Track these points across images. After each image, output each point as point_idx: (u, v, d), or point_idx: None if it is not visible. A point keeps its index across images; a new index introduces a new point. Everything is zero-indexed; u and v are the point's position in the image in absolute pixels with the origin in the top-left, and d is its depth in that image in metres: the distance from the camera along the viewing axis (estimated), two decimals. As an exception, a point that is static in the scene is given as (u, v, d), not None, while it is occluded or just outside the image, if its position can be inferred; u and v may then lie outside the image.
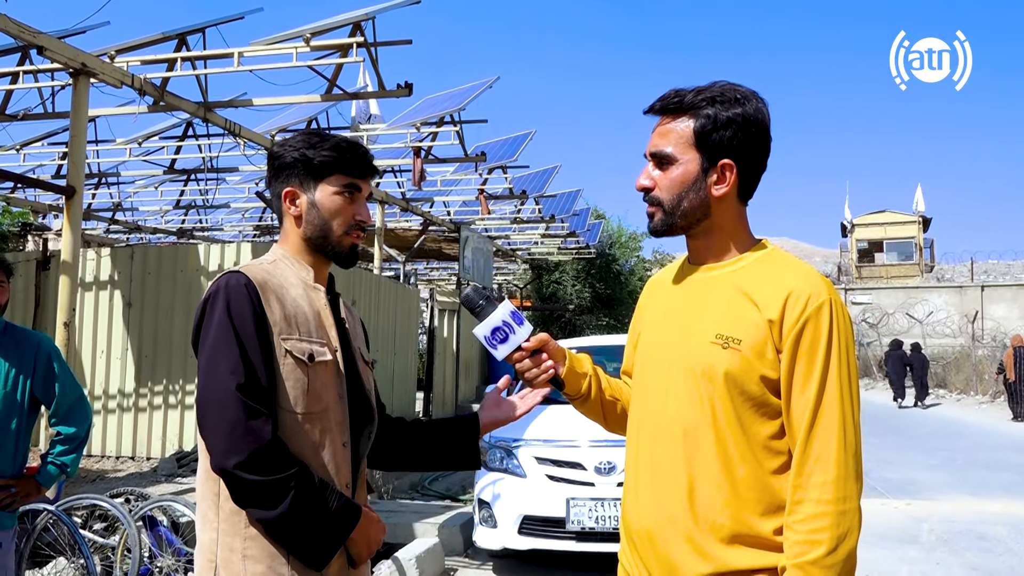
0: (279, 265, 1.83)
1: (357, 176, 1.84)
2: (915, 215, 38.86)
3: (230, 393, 1.59)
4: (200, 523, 1.74)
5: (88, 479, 7.63)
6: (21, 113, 9.31)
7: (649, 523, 1.62)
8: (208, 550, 1.70)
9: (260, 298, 1.69)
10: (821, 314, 1.53)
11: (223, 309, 1.66)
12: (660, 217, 1.67)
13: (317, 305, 1.81)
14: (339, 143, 1.83)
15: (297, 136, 1.86)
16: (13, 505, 3.04)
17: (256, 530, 1.65)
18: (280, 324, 1.70)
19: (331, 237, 1.82)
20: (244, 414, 1.59)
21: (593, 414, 1.92)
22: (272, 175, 1.86)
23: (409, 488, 8.69)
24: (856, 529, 1.49)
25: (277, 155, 1.85)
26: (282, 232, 1.88)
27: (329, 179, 1.81)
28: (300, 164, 1.81)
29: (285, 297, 1.75)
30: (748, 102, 1.64)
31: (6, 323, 3.12)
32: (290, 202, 1.82)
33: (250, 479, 1.58)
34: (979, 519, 7.58)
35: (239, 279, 1.70)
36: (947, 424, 17.08)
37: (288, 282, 1.79)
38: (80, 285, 8.14)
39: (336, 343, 1.80)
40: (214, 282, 1.73)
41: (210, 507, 1.70)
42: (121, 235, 18.86)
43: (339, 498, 1.69)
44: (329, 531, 1.67)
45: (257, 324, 1.67)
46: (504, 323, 1.74)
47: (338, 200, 1.82)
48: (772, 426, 1.56)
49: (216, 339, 1.65)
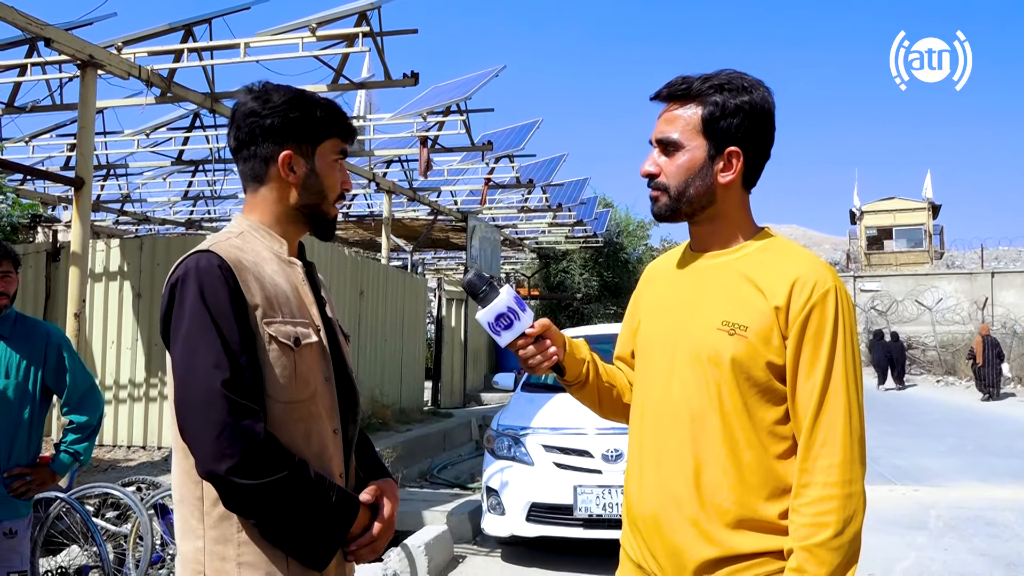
0: (247, 239, 1.64)
1: (347, 141, 1.72)
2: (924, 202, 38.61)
3: (215, 391, 1.43)
4: (181, 531, 1.57)
5: (100, 468, 7.69)
6: (29, 105, 9.34)
7: (654, 508, 1.63)
8: (194, 560, 1.53)
9: (236, 279, 1.52)
10: (827, 301, 1.54)
11: (195, 294, 1.49)
12: (665, 202, 1.68)
13: (295, 281, 1.65)
14: (330, 104, 1.69)
15: (280, 91, 1.66)
16: (28, 493, 3.08)
17: (249, 535, 1.51)
18: (262, 306, 1.54)
19: (323, 207, 1.70)
20: (233, 413, 1.43)
21: (589, 400, 1.90)
22: (257, 135, 1.64)
23: (418, 476, 8.75)
24: (861, 512, 1.51)
25: (264, 113, 1.63)
26: (255, 199, 1.68)
27: (326, 144, 1.68)
28: (300, 125, 1.64)
29: (263, 275, 1.58)
30: (755, 90, 1.64)
31: (17, 314, 3.15)
32: (286, 167, 1.64)
33: (245, 484, 1.43)
34: (987, 505, 7.58)
35: (210, 259, 1.52)
36: (955, 411, 17.05)
37: (261, 257, 1.61)
38: (90, 276, 8.17)
39: (319, 321, 1.66)
40: (179, 264, 1.55)
41: (192, 513, 1.54)
42: (130, 226, 18.91)
43: (337, 492, 1.56)
44: (331, 528, 1.55)
45: (236, 309, 1.50)
46: (509, 309, 1.70)
47: (333, 167, 1.69)
48: (777, 411, 1.57)
49: (190, 329, 1.48)
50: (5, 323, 3.07)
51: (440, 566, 5.45)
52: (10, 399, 3.01)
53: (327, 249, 9.82)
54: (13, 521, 3.02)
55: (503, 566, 5.65)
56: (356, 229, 18.27)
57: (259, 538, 1.52)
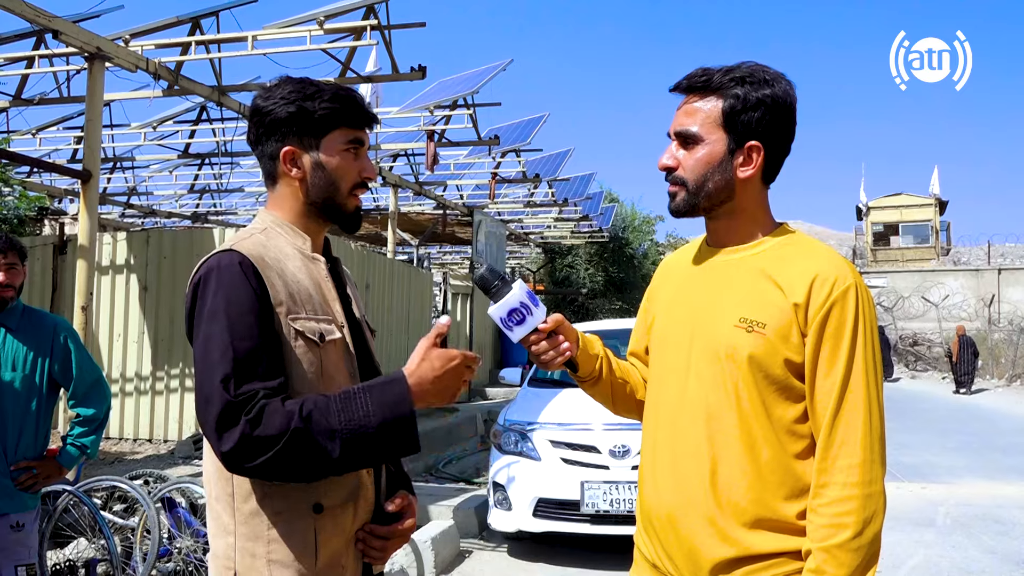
0: (271, 235, 1.63)
1: (360, 128, 1.66)
2: (931, 198, 38.45)
3: (215, 388, 1.42)
4: (213, 528, 1.57)
5: (107, 461, 7.70)
6: (37, 98, 9.34)
7: (669, 507, 1.61)
8: (225, 556, 1.54)
9: (261, 276, 1.51)
10: (847, 298, 1.52)
11: (215, 293, 1.48)
12: (683, 197, 1.65)
13: (318, 277, 1.64)
14: (338, 92, 1.63)
15: (284, 85, 1.63)
16: (35, 487, 3.07)
17: (279, 531, 1.50)
18: (287, 303, 1.53)
19: (338, 199, 1.65)
20: (228, 407, 1.41)
21: (602, 396, 1.88)
22: (262, 132, 1.63)
23: (423, 471, 8.73)
24: (881, 512, 1.48)
25: (266, 109, 1.61)
26: (274, 196, 1.68)
27: (333, 134, 1.62)
28: (298, 119, 1.60)
29: (285, 272, 1.57)
30: (777, 83, 1.61)
31: (23, 306, 3.14)
32: (290, 163, 1.62)
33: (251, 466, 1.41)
34: (995, 503, 7.55)
35: (232, 258, 1.52)
36: (961, 408, 17.00)
37: (284, 254, 1.60)
38: (97, 269, 8.18)
39: (342, 318, 1.64)
40: (203, 262, 1.55)
41: (224, 510, 1.54)
42: (136, 219, 18.93)
43: (367, 393, 1.47)
44: (386, 423, 1.45)
45: (259, 307, 1.49)
46: (521, 304, 1.66)
47: (344, 158, 1.64)
48: (796, 410, 1.55)
49: (208, 328, 1.47)
50: (12, 315, 3.05)
51: (446, 561, 5.44)
52: (17, 391, 3.00)
53: (333, 242, 9.81)
54: (20, 514, 3.01)
55: (509, 561, 5.64)
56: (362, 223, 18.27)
57: (289, 536, 1.51)
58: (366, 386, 1.49)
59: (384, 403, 1.46)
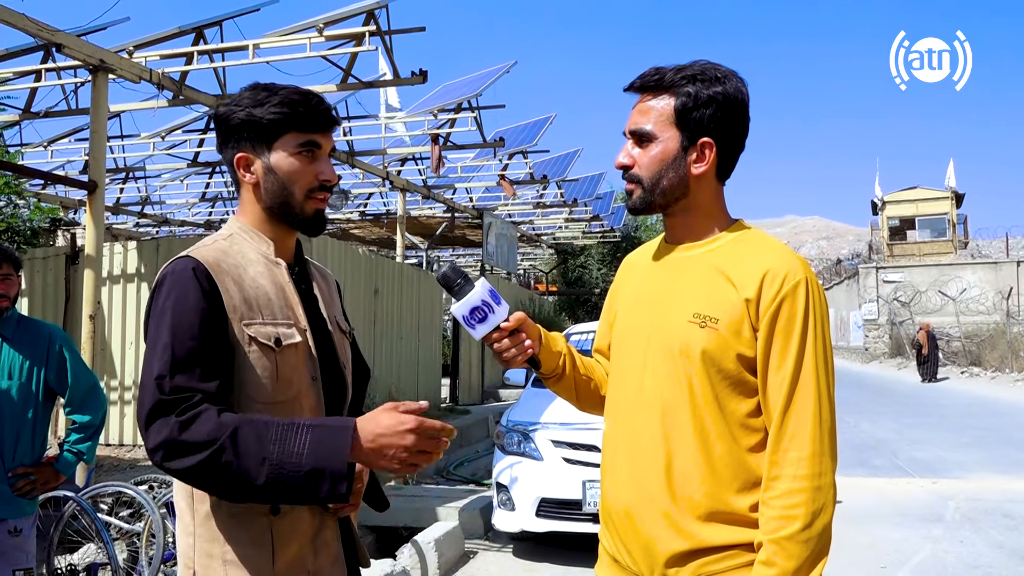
0: (236, 240, 1.66)
1: (314, 131, 1.64)
2: (947, 191, 38.11)
3: (149, 387, 1.44)
4: (178, 527, 1.61)
5: (119, 468, 7.79)
6: (43, 111, 9.46)
7: (627, 502, 1.62)
8: (185, 556, 1.57)
9: (214, 282, 1.53)
10: (797, 293, 1.53)
11: (166, 296, 1.52)
12: (639, 195, 1.67)
13: (280, 281, 1.64)
14: (289, 96, 1.63)
15: (244, 93, 1.66)
16: (33, 493, 3.13)
17: (235, 533, 1.52)
18: (240, 308, 1.55)
19: (293, 204, 1.64)
20: (157, 407, 1.41)
21: (566, 393, 1.90)
22: (221, 140, 1.67)
23: (434, 473, 8.77)
24: (831, 504, 1.49)
25: (223, 116, 1.65)
26: (240, 202, 1.71)
27: (283, 139, 1.62)
28: (248, 125, 1.62)
29: (243, 277, 1.58)
30: (728, 81, 1.63)
31: (19, 316, 3.19)
32: (244, 169, 1.65)
33: (177, 468, 1.40)
34: (1005, 497, 7.49)
35: (187, 263, 1.55)
36: (977, 402, 16.84)
37: (247, 259, 1.62)
38: (108, 278, 8.28)
39: (304, 322, 1.64)
40: (163, 268, 1.59)
41: (186, 509, 1.57)
42: (150, 229, 19.12)
43: (308, 430, 1.41)
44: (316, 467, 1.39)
45: (207, 311, 1.50)
46: (483, 302, 1.69)
47: (296, 161, 1.63)
48: (749, 404, 1.56)
49: (154, 331, 1.50)
50: (7, 325, 3.11)
51: (451, 562, 5.47)
52: (13, 400, 3.06)
53: (341, 248, 9.88)
54: (18, 520, 3.07)
55: (514, 561, 5.66)
56: (371, 228, 18.35)
57: (245, 537, 1.51)
58: (313, 424, 1.43)
59: (321, 449, 1.39)
